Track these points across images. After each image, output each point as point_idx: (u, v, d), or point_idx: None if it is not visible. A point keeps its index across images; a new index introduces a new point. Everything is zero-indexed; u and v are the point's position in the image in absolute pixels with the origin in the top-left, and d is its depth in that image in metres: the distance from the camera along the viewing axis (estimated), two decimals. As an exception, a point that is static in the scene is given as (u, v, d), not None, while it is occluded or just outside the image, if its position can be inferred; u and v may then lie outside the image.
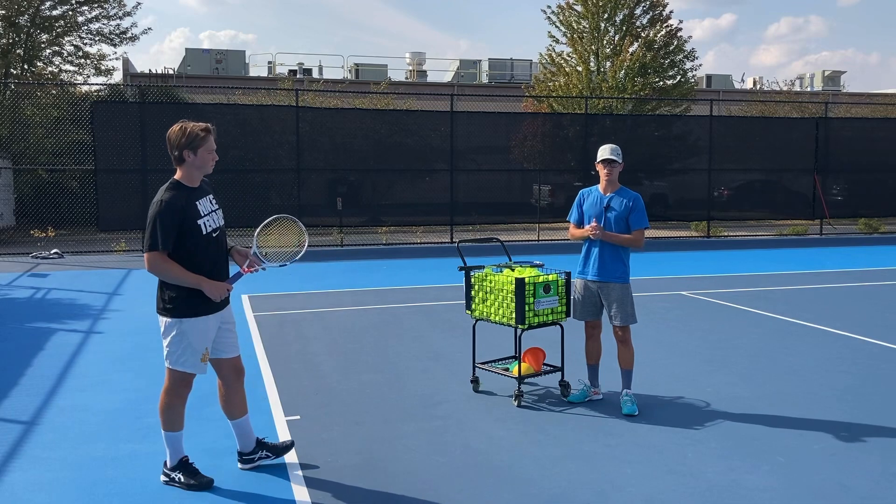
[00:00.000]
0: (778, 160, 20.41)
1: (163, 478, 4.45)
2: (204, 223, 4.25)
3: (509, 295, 5.72)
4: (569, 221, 6.08)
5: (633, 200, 5.76)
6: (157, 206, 4.13)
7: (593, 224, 5.72)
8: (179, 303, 4.21)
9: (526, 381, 6.19)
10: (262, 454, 4.63)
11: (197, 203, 4.25)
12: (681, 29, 22.92)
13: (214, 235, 4.32)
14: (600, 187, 5.88)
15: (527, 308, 5.64)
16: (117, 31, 21.91)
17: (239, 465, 4.65)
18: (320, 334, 8.28)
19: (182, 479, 4.37)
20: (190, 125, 4.23)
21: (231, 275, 4.43)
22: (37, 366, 7.00)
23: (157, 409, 4.43)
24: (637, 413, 5.62)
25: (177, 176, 4.28)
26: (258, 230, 4.69)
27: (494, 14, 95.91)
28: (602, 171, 5.79)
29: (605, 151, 5.78)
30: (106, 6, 21.46)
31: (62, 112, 18.50)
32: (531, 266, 6.07)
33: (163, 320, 4.29)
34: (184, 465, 4.41)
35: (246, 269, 4.40)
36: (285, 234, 4.80)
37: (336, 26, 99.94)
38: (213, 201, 4.40)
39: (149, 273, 4.20)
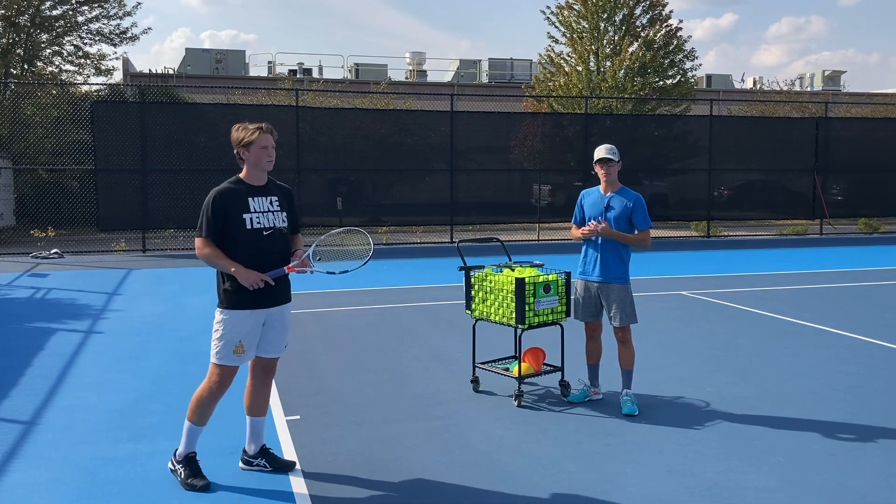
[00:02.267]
0: (778, 160, 20.41)
1: (169, 465, 4.51)
2: (251, 218, 4.36)
3: (509, 295, 5.72)
4: (573, 223, 6.08)
5: (635, 201, 5.75)
6: (209, 196, 4.36)
7: (592, 224, 5.70)
8: (227, 294, 4.36)
9: (526, 381, 6.19)
10: (260, 462, 4.64)
11: (250, 199, 4.39)
12: (680, 28, 22.95)
13: (266, 234, 4.39)
14: (601, 187, 5.87)
15: (527, 308, 5.63)
16: (117, 31, 21.96)
17: (240, 464, 4.67)
18: (320, 334, 8.28)
19: (183, 475, 4.40)
20: (243, 126, 4.42)
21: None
22: (37, 366, 7.00)
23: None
24: (637, 413, 5.62)
25: (241, 173, 4.48)
26: (327, 235, 4.72)
27: (495, 14, 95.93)
28: (600, 172, 5.79)
29: (600, 151, 5.77)
30: (106, 6, 21.49)
31: (62, 112, 18.51)
32: (531, 266, 6.06)
33: (216, 311, 4.43)
34: (189, 461, 4.44)
35: (290, 268, 4.44)
36: (349, 249, 4.79)
37: (336, 26, 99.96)
38: (276, 203, 4.47)
39: (198, 255, 4.40)
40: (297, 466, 4.66)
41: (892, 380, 6.56)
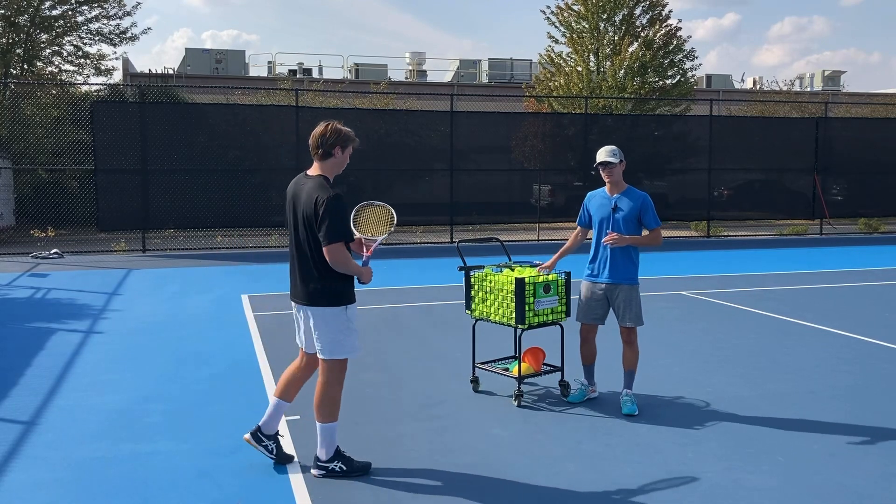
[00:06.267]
0: (778, 160, 20.41)
1: (316, 472, 4.51)
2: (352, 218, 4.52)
3: (509, 295, 5.72)
4: (577, 226, 6.06)
5: (643, 201, 5.74)
6: (333, 200, 4.23)
7: (610, 235, 5.69)
8: (342, 291, 4.41)
9: (526, 381, 6.19)
10: (269, 444, 4.68)
11: None
12: (680, 28, 22.95)
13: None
14: (606, 189, 5.86)
15: (527, 308, 5.63)
16: (117, 31, 21.94)
17: (246, 435, 4.68)
18: (320, 334, 8.27)
19: (343, 468, 4.48)
20: (342, 126, 4.47)
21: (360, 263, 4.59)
22: (37, 366, 7.00)
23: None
24: (637, 413, 5.62)
25: (320, 172, 4.41)
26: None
27: (495, 14, 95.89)
28: (603, 174, 5.78)
29: (601, 154, 5.75)
30: (106, 6, 21.48)
31: (62, 112, 18.50)
32: (531, 266, 6.07)
33: (328, 312, 4.38)
34: (340, 454, 4.52)
35: (368, 252, 4.59)
36: (378, 222, 4.84)
37: (336, 26, 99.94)
38: None
39: (332, 264, 4.27)
40: (297, 468, 4.66)
41: (892, 380, 6.56)
